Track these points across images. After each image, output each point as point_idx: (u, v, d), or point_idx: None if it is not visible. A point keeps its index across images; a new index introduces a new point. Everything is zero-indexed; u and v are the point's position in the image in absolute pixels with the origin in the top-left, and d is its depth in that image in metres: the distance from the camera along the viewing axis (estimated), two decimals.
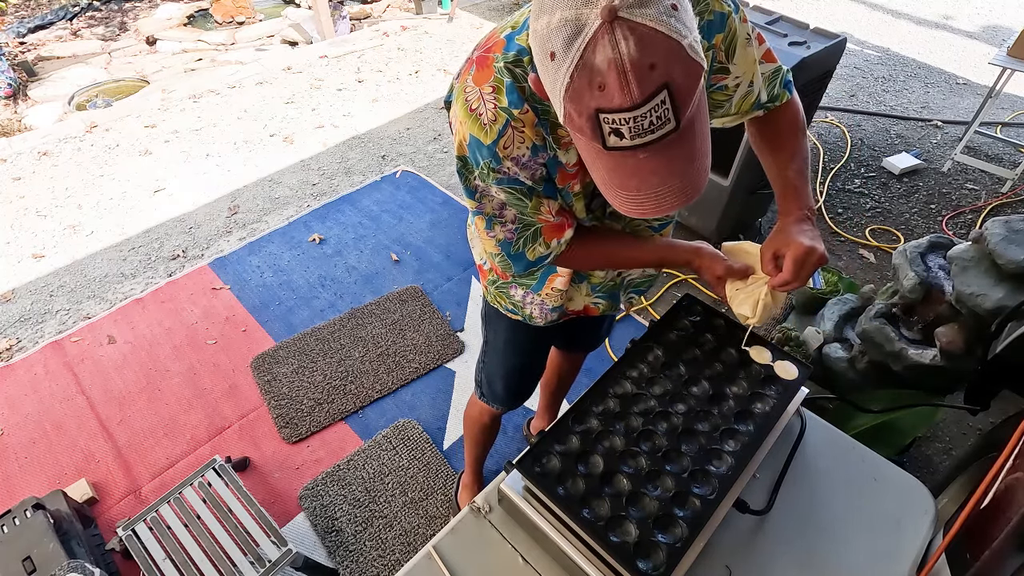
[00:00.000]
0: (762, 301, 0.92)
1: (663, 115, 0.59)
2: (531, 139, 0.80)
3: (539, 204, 0.88)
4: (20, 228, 2.99)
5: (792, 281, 0.88)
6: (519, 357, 1.39)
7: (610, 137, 0.61)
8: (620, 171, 0.65)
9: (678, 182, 0.65)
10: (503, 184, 0.84)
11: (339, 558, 1.78)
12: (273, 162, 3.40)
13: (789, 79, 1.00)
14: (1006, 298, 1.50)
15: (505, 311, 1.24)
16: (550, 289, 1.14)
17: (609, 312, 1.26)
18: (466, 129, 0.80)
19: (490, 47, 0.80)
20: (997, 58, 2.83)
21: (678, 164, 0.64)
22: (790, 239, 0.88)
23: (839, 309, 2.06)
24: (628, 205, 0.68)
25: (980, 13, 5.05)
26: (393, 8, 5.40)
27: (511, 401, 1.49)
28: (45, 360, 2.35)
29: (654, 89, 0.57)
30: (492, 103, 0.78)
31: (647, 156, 0.62)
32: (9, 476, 2.00)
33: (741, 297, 0.95)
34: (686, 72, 0.59)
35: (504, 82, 0.77)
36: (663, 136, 0.60)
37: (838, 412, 1.76)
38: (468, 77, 0.80)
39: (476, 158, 0.82)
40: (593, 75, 0.58)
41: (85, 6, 5.62)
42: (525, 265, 0.96)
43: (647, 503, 0.85)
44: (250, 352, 2.35)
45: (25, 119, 4.07)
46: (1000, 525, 1.05)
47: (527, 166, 0.82)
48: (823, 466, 1.03)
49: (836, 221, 2.95)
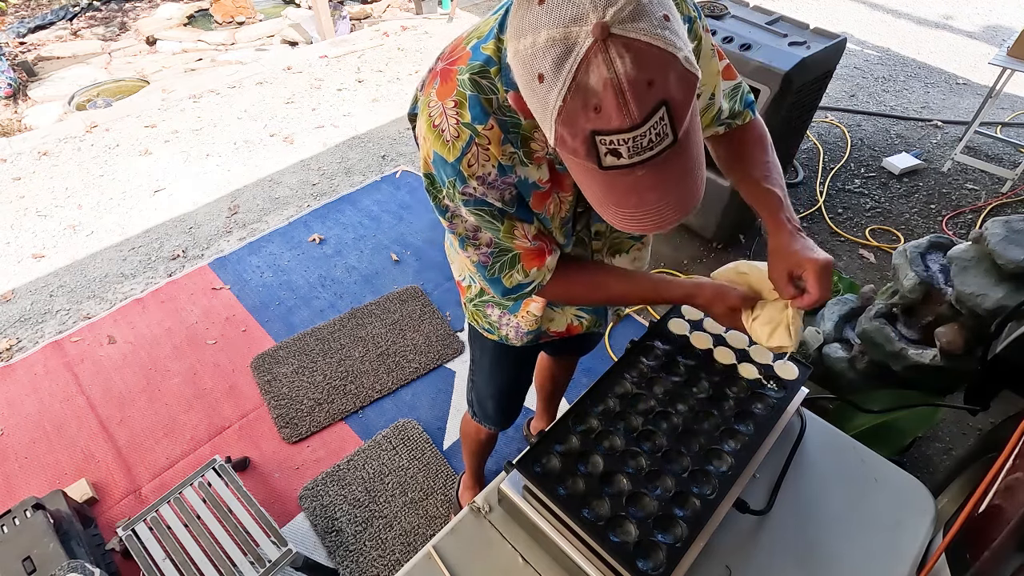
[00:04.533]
0: (792, 325, 0.86)
1: (662, 131, 0.57)
2: (496, 157, 0.76)
3: (512, 227, 0.84)
4: (20, 228, 2.99)
5: (822, 299, 0.83)
6: (508, 376, 1.36)
7: (606, 157, 0.58)
8: (617, 189, 0.62)
9: (676, 196, 0.63)
10: (471, 206, 0.80)
11: (339, 558, 1.78)
12: (273, 162, 3.40)
13: (751, 99, 0.98)
14: (1006, 298, 1.50)
15: (482, 330, 1.21)
16: (525, 312, 1.10)
17: (594, 328, 1.21)
18: (429, 145, 0.76)
19: (454, 59, 0.76)
20: (997, 58, 2.83)
21: (676, 177, 0.62)
22: (803, 257, 0.83)
23: (839, 309, 2.06)
24: (627, 222, 0.65)
25: (980, 13, 5.05)
26: (393, 8, 5.40)
27: (503, 421, 1.48)
28: (45, 360, 2.35)
29: (653, 107, 0.55)
30: (454, 119, 0.73)
31: (645, 173, 0.59)
32: (9, 476, 2.00)
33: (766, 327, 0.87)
34: (683, 85, 0.56)
35: (467, 96, 0.73)
36: (662, 151, 0.58)
37: (838, 412, 1.76)
38: (432, 90, 0.76)
39: (442, 176, 0.78)
40: (588, 97, 0.55)
41: (85, 6, 5.62)
42: (503, 291, 0.91)
43: (647, 503, 0.85)
44: (250, 352, 2.35)
45: (25, 119, 4.07)
46: (1000, 525, 1.06)
47: (494, 186, 0.78)
48: (823, 466, 1.03)
49: (836, 221, 2.95)
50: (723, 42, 2.22)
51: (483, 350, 1.30)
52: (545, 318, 1.15)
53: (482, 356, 1.32)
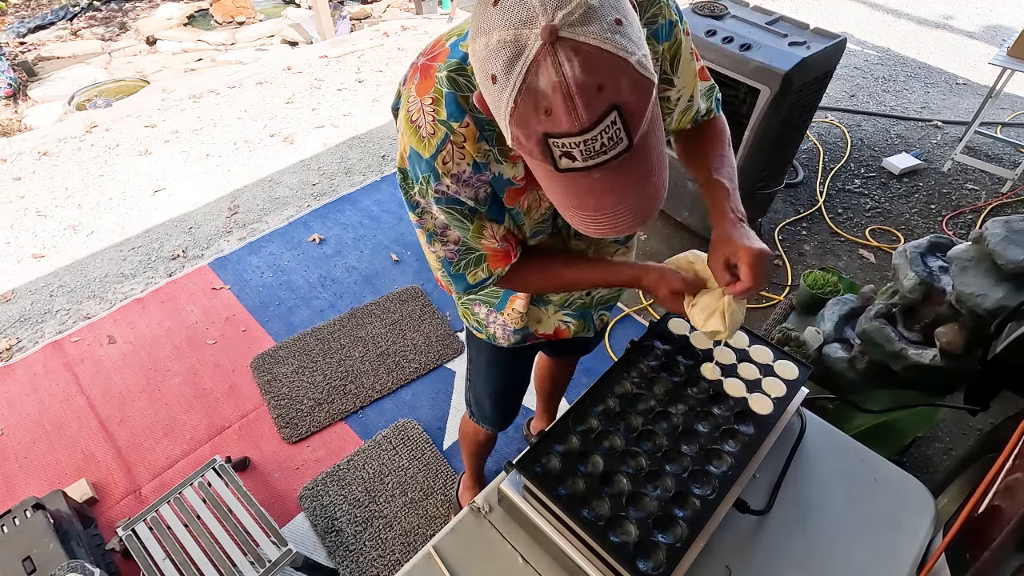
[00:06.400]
0: (728, 312, 0.88)
1: (615, 135, 0.56)
2: (472, 155, 0.76)
3: (481, 228, 0.84)
4: (20, 228, 2.99)
5: (754, 287, 0.84)
6: (504, 376, 1.36)
7: (561, 159, 0.58)
8: (575, 191, 0.62)
9: (635, 200, 0.62)
10: (442, 204, 0.80)
11: (339, 558, 1.78)
12: (273, 162, 3.40)
13: (719, 97, 1.01)
14: (1006, 298, 1.50)
15: (473, 329, 1.21)
16: (511, 310, 1.10)
17: (581, 334, 1.21)
18: (406, 140, 0.77)
19: (435, 55, 0.76)
20: (997, 58, 2.83)
21: (634, 182, 0.61)
22: (738, 245, 0.84)
23: (839, 309, 2.06)
24: (586, 224, 0.66)
25: (980, 13, 5.05)
26: (393, 8, 5.40)
27: (501, 422, 1.48)
28: (45, 360, 2.35)
29: (603, 111, 0.54)
30: (431, 115, 0.74)
31: (601, 176, 0.59)
32: (9, 476, 2.00)
33: (703, 313, 0.90)
34: (636, 89, 0.56)
35: (444, 93, 0.73)
36: (616, 156, 0.57)
37: (838, 412, 1.76)
38: (412, 86, 0.76)
39: (416, 172, 0.78)
40: (538, 99, 0.55)
41: (85, 6, 5.62)
42: (465, 287, 0.93)
43: (647, 503, 0.85)
44: (250, 352, 2.35)
45: (25, 119, 4.08)
46: (1000, 525, 1.06)
47: (469, 183, 0.78)
48: (823, 466, 1.03)
49: (836, 221, 2.95)
50: (723, 42, 2.22)
51: (479, 350, 1.30)
52: (532, 319, 1.15)
53: (479, 356, 1.32)
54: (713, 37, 2.25)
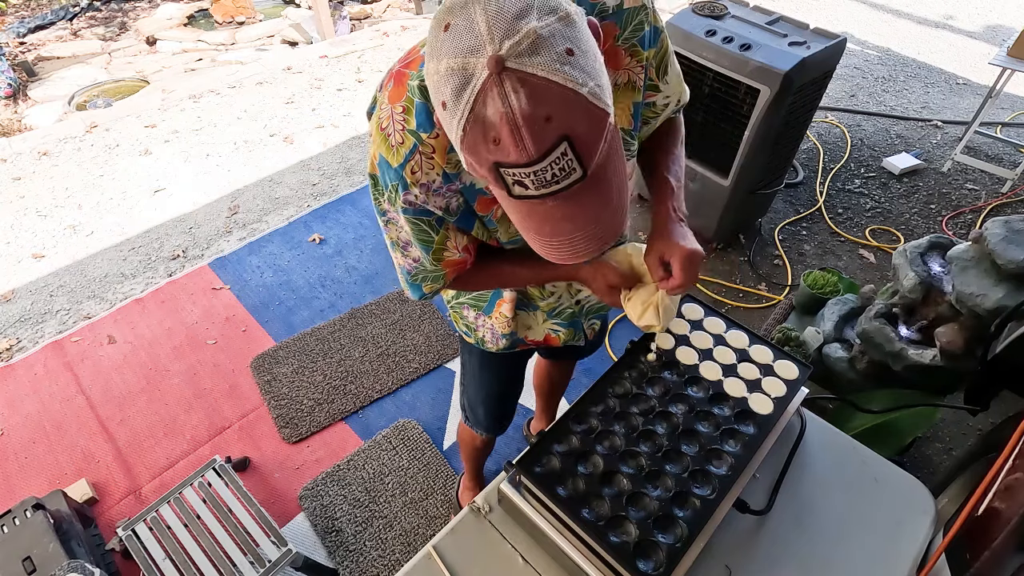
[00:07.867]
0: (662, 306, 0.90)
1: (566, 166, 0.55)
2: (441, 166, 0.75)
3: (446, 239, 0.84)
4: (20, 228, 2.99)
5: (684, 284, 0.85)
6: (496, 381, 1.35)
7: (515, 187, 0.57)
8: (532, 217, 0.62)
9: (593, 228, 0.62)
10: (409, 214, 0.79)
11: (339, 558, 1.78)
12: (273, 162, 3.40)
13: None
14: (1006, 298, 1.50)
15: (463, 333, 1.20)
16: (498, 314, 1.10)
17: (571, 342, 1.21)
18: (376, 148, 0.76)
19: (410, 62, 0.74)
20: (997, 58, 2.83)
21: (591, 210, 0.60)
22: (672, 243, 0.85)
23: (839, 309, 2.06)
24: (545, 250, 0.65)
25: (980, 13, 5.05)
26: (393, 8, 5.40)
27: (495, 427, 1.47)
28: (45, 360, 2.35)
29: (552, 142, 0.54)
30: (401, 124, 0.73)
31: (556, 204, 0.58)
32: (9, 476, 2.00)
33: (639, 307, 0.92)
34: (588, 120, 0.55)
35: (415, 103, 0.72)
36: (569, 185, 0.57)
37: (838, 412, 1.76)
38: (386, 92, 0.75)
39: (385, 179, 0.78)
40: (487, 129, 0.54)
41: (85, 6, 5.62)
42: (420, 296, 0.96)
43: (647, 503, 0.85)
44: (250, 352, 2.35)
45: (25, 119, 4.07)
46: (1000, 525, 1.05)
47: (439, 193, 0.77)
48: (823, 466, 1.03)
49: (836, 221, 2.95)
50: (723, 42, 2.22)
51: (470, 354, 1.29)
52: (522, 325, 1.14)
53: (470, 360, 1.32)
54: (713, 37, 2.25)
